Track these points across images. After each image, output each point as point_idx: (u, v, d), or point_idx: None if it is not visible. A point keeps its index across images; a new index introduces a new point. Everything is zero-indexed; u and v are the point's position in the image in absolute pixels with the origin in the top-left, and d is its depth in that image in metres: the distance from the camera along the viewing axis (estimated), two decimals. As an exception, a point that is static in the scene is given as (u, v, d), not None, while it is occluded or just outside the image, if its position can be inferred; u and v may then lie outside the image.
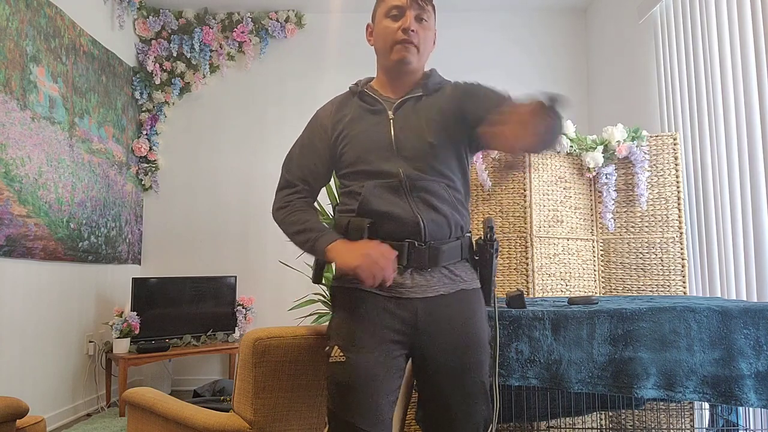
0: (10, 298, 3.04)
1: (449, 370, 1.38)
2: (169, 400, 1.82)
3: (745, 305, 1.80)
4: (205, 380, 4.28)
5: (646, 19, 3.62)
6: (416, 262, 1.38)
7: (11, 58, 3.07)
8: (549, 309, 1.79)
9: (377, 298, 1.38)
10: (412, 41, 1.43)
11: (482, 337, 1.43)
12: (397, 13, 1.44)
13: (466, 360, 1.39)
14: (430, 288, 1.40)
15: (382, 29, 1.47)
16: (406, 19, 1.42)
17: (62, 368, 3.53)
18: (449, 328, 1.39)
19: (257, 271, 4.62)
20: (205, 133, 4.76)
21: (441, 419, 1.40)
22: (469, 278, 1.46)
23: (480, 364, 1.41)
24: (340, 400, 1.34)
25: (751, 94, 2.56)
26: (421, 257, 1.38)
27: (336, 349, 1.38)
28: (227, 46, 4.73)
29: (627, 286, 2.88)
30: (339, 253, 1.34)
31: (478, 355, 1.41)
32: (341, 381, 1.35)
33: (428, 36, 1.48)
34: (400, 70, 1.47)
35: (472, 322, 1.42)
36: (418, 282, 1.39)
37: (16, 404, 1.79)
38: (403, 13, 1.43)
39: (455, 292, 1.42)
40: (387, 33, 1.45)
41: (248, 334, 1.63)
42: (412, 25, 1.42)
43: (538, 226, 2.77)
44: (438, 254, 1.40)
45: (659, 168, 2.88)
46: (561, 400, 1.99)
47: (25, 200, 3.12)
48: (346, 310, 1.42)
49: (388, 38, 1.45)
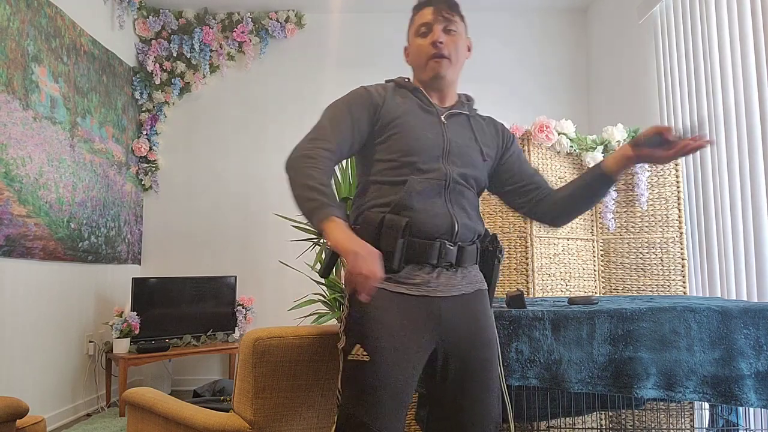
0: (11, 298, 3.04)
1: (469, 366, 1.42)
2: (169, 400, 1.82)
3: (745, 305, 1.80)
4: (205, 380, 4.28)
5: (646, 19, 3.62)
6: (445, 261, 1.42)
7: (13, 57, 3.07)
8: (549, 309, 1.79)
9: (402, 297, 1.38)
10: (443, 54, 1.48)
11: (494, 335, 1.50)
12: (426, 30, 1.50)
13: (483, 356, 1.44)
14: (453, 287, 1.44)
15: (415, 48, 1.54)
16: (434, 34, 1.48)
17: (62, 368, 3.53)
18: (468, 326, 1.44)
19: (257, 271, 4.62)
20: (205, 133, 4.76)
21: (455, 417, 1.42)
22: (481, 279, 1.53)
23: (494, 361, 1.47)
24: (357, 400, 1.32)
25: (751, 94, 2.56)
26: (450, 257, 1.43)
27: (358, 348, 1.34)
28: (227, 46, 4.73)
29: (627, 286, 2.88)
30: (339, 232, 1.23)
31: (493, 353, 1.47)
32: (362, 380, 1.32)
33: (459, 45, 1.52)
34: (436, 85, 1.53)
35: (486, 320, 1.49)
36: (442, 281, 1.43)
37: (16, 404, 1.79)
38: (431, 29, 1.49)
39: (474, 291, 1.48)
40: (419, 50, 1.51)
41: (248, 334, 1.63)
42: (440, 38, 1.47)
43: (538, 226, 2.77)
44: (463, 255, 1.45)
45: (659, 168, 2.88)
46: (561, 400, 1.99)
47: (25, 200, 3.12)
48: (368, 308, 1.36)
49: (422, 55, 1.50)
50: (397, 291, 1.38)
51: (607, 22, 4.43)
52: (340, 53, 4.78)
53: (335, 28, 4.82)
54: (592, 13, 4.72)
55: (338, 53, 4.78)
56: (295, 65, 4.80)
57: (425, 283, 1.40)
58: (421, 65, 1.52)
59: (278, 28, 4.73)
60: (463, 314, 1.43)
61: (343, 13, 4.81)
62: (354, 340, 1.37)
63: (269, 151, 4.70)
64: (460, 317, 1.43)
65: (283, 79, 4.79)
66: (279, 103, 4.76)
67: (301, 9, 4.76)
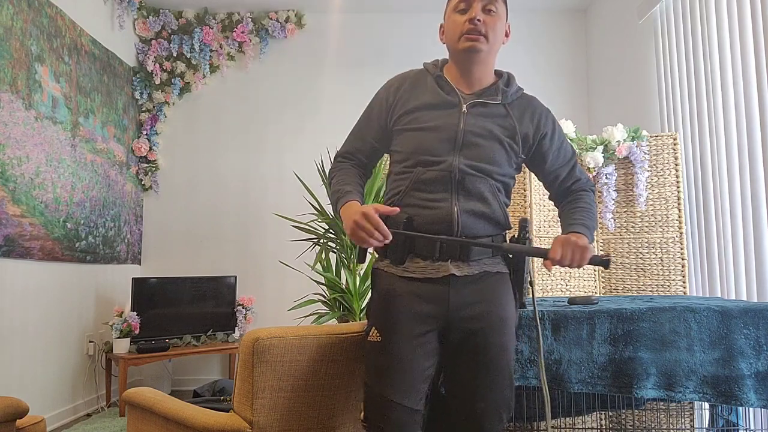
0: (10, 298, 3.04)
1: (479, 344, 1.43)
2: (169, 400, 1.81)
3: (745, 305, 1.80)
4: (205, 380, 4.28)
5: (646, 19, 3.62)
6: (448, 255, 1.43)
7: (17, 57, 3.07)
8: (549, 309, 1.79)
9: (410, 282, 1.45)
10: (480, 30, 1.45)
11: (505, 319, 1.46)
12: (465, 6, 1.48)
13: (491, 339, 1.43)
14: (457, 269, 1.45)
15: (451, 23, 1.51)
16: (473, 11, 1.46)
17: (62, 368, 3.53)
18: (474, 306, 1.44)
19: (257, 271, 4.62)
20: (205, 133, 4.75)
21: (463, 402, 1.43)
22: (491, 263, 1.49)
23: (503, 346, 1.44)
24: (375, 376, 1.45)
25: (751, 94, 2.56)
26: (452, 251, 1.44)
27: (373, 330, 1.47)
28: (227, 46, 4.73)
29: (627, 286, 2.88)
30: (343, 217, 1.43)
31: (501, 336, 1.44)
32: (376, 359, 1.45)
33: (497, 26, 1.49)
34: (470, 60, 1.49)
35: (494, 302, 1.46)
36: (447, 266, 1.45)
37: (16, 404, 1.79)
38: (470, 5, 1.47)
39: (478, 273, 1.47)
40: (455, 25, 1.49)
41: (248, 334, 1.63)
42: (478, 15, 1.45)
43: (538, 226, 2.77)
44: (470, 249, 1.44)
45: (659, 168, 2.88)
46: (561, 400, 1.99)
47: (18, 200, 3.11)
48: (382, 293, 1.49)
49: (457, 30, 1.48)
50: (404, 276, 1.46)
51: (607, 22, 4.43)
52: (340, 53, 4.78)
53: (335, 28, 4.81)
54: (592, 13, 4.72)
55: (338, 53, 4.78)
56: (295, 65, 4.79)
57: (428, 266, 1.45)
58: (455, 40, 1.49)
59: (278, 28, 4.73)
60: (468, 294, 1.44)
61: (343, 13, 4.81)
62: (371, 323, 1.50)
63: (269, 151, 4.70)
64: (466, 297, 1.44)
65: (283, 79, 4.79)
66: (279, 103, 4.76)
67: (301, 9, 4.76)
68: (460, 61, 1.51)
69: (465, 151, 1.45)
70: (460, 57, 1.50)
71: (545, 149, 1.57)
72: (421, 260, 1.46)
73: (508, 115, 1.51)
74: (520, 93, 1.58)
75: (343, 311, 3.40)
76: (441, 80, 1.52)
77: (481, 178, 1.46)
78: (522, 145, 1.53)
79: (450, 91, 1.50)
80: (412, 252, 1.47)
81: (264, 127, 4.75)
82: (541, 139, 1.55)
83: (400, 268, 1.47)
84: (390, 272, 1.49)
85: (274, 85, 4.78)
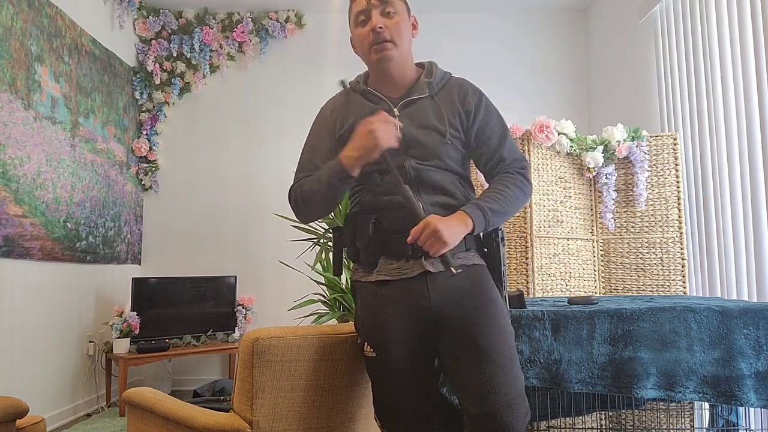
0: (10, 298, 3.04)
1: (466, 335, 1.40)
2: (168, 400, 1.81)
3: (745, 305, 1.80)
4: (205, 380, 4.28)
5: (646, 19, 3.62)
6: (420, 252, 1.41)
7: (17, 57, 3.07)
8: (549, 309, 1.79)
9: (387, 286, 1.45)
10: (384, 38, 1.46)
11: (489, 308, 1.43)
12: (364, 18, 1.49)
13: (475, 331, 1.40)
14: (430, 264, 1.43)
15: (356, 38, 1.53)
16: (372, 20, 1.47)
17: (62, 368, 3.53)
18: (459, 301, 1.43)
19: (257, 271, 4.62)
20: (205, 133, 4.75)
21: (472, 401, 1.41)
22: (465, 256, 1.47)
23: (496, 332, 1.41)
24: (377, 387, 1.51)
25: (751, 94, 2.56)
26: None
27: (366, 346, 1.49)
28: (227, 46, 4.73)
29: (627, 286, 2.88)
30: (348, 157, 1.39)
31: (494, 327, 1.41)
32: (376, 373, 1.50)
33: (401, 26, 1.49)
34: (385, 68, 1.50)
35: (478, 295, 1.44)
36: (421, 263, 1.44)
37: (16, 404, 1.79)
38: (369, 15, 1.48)
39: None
40: (361, 39, 1.50)
41: (248, 334, 1.63)
42: (378, 23, 1.45)
43: (538, 226, 2.77)
44: None
45: (659, 168, 2.88)
46: (561, 400, 1.98)
47: (21, 200, 3.12)
48: (366, 308, 1.51)
49: (364, 43, 1.50)
50: (378, 279, 1.46)
51: (607, 22, 4.42)
52: (340, 53, 4.77)
53: (335, 28, 4.82)
54: (592, 13, 4.72)
55: (338, 53, 4.78)
56: (295, 65, 4.79)
57: (402, 267, 1.45)
58: (366, 53, 1.50)
59: (278, 28, 4.73)
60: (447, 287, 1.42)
61: (343, 13, 4.77)
62: (363, 339, 1.51)
63: (269, 151, 4.70)
64: (445, 290, 1.42)
65: (283, 79, 4.79)
66: (279, 103, 4.76)
67: (301, 9, 4.76)
68: (377, 71, 1.53)
69: (411, 151, 1.45)
70: (376, 67, 1.52)
71: (472, 128, 1.53)
72: (394, 261, 1.45)
73: (437, 104, 1.51)
74: (447, 78, 1.57)
75: (343, 311, 3.40)
76: (367, 93, 1.54)
77: (435, 170, 1.46)
78: (461, 130, 1.51)
79: (379, 101, 1.52)
80: (384, 253, 1.46)
81: (264, 127, 4.75)
82: (468, 117, 1.53)
83: (374, 274, 1.47)
84: (367, 282, 1.49)
85: (274, 85, 4.78)
